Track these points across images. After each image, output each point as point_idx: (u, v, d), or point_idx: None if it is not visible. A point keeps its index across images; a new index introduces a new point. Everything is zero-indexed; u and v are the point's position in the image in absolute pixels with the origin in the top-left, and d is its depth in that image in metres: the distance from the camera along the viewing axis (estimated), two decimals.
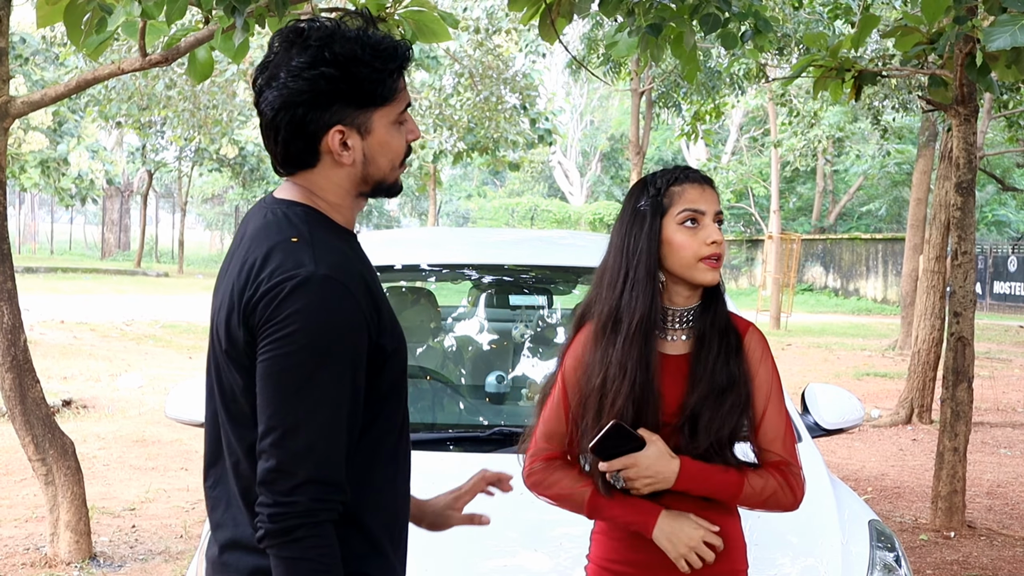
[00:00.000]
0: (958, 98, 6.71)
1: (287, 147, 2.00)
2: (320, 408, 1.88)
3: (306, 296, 1.88)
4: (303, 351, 1.87)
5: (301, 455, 1.87)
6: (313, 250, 1.93)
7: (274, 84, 1.96)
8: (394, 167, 2.07)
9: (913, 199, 16.18)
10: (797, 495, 2.41)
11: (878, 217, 37.44)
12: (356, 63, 1.95)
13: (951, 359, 6.78)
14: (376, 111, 2.00)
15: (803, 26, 14.06)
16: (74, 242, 52.72)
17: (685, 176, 2.43)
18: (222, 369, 2.00)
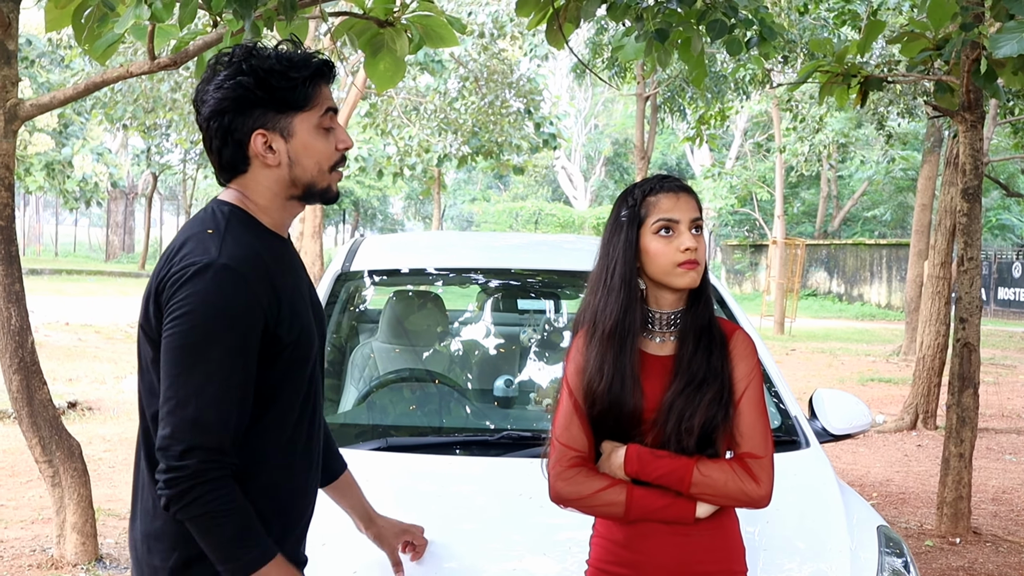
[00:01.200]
0: (964, 104, 6.72)
1: (220, 154, 2.26)
2: (209, 383, 2.08)
3: (203, 281, 2.10)
4: (196, 330, 2.08)
5: (190, 424, 2.07)
6: (222, 242, 2.16)
7: (206, 99, 2.23)
8: (322, 171, 2.28)
9: (918, 205, 16.18)
10: (760, 488, 2.41)
11: (882, 223, 37.41)
12: (270, 73, 2.19)
13: (957, 365, 6.78)
14: (296, 116, 2.23)
15: (808, 32, 14.06)
16: (78, 244, 52.76)
17: (660, 186, 2.52)
18: (140, 343, 2.24)
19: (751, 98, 19.93)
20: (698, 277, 2.48)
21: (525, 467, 3.52)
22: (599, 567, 2.56)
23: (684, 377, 2.45)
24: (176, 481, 2.06)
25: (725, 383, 2.44)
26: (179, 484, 2.06)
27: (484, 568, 3.04)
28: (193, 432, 2.06)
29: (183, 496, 2.06)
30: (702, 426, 2.41)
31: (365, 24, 4.80)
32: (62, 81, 22.62)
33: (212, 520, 2.08)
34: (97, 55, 4.77)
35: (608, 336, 2.49)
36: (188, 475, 2.06)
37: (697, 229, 2.49)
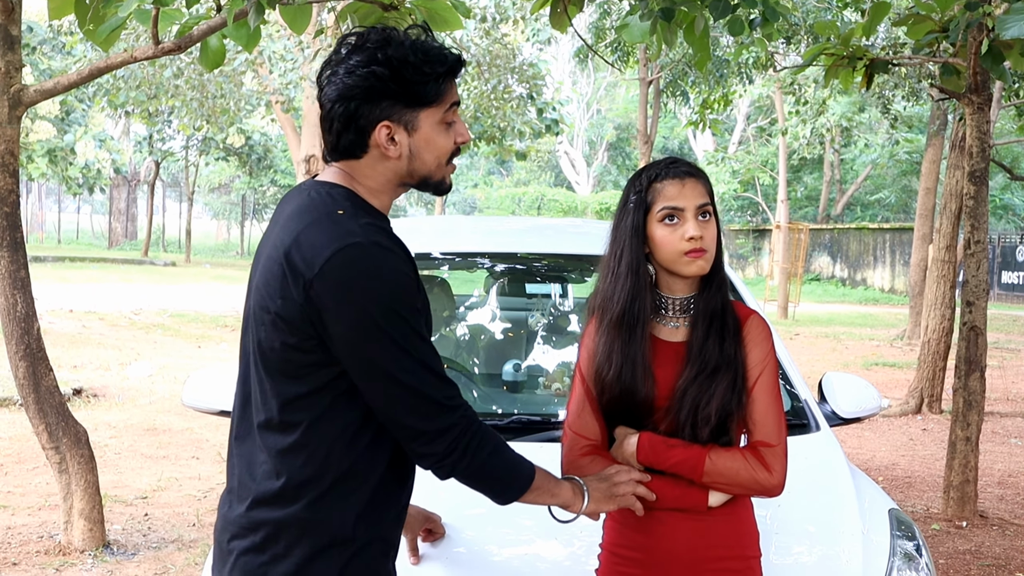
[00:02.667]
0: (971, 86, 6.69)
1: (339, 137, 2.19)
2: (416, 356, 2.09)
3: (362, 261, 2.05)
4: (376, 312, 2.05)
5: (429, 398, 2.10)
6: (357, 222, 2.11)
7: (333, 80, 2.17)
8: (440, 164, 2.25)
9: (922, 188, 16.14)
10: (773, 477, 2.40)
11: (885, 206, 37.35)
12: (405, 65, 2.14)
13: (963, 348, 6.77)
14: (423, 111, 2.18)
15: (812, 14, 14.01)
16: (81, 231, 52.75)
17: (666, 172, 2.48)
18: (265, 330, 2.14)
19: (754, 82, 19.87)
20: (706, 265, 2.45)
21: (535, 451, 3.51)
22: (612, 551, 2.55)
23: (697, 364, 2.42)
24: (453, 446, 2.13)
25: (739, 370, 2.42)
26: (457, 446, 2.13)
27: (493, 553, 3.04)
28: (439, 389, 2.12)
29: (464, 454, 2.14)
30: (716, 414, 2.39)
31: (370, 8, 4.78)
32: (64, 68, 22.57)
33: (493, 458, 2.20)
34: (100, 40, 4.74)
35: (616, 323, 2.47)
36: (459, 433, 2.13)
37: (706, 215, 2.45)
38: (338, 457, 2.13)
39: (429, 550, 2.93)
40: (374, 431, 2.16)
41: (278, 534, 2.13)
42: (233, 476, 2.24)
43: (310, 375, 2.12)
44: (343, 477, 2.13)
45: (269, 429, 2.16)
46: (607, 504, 2.39)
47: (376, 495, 2.18)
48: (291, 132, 18.18)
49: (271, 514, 2.14)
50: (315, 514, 2.12)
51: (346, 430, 2.13)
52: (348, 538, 2.14)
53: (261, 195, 45.80)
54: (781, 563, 2.87)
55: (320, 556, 2.13)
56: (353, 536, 2.15)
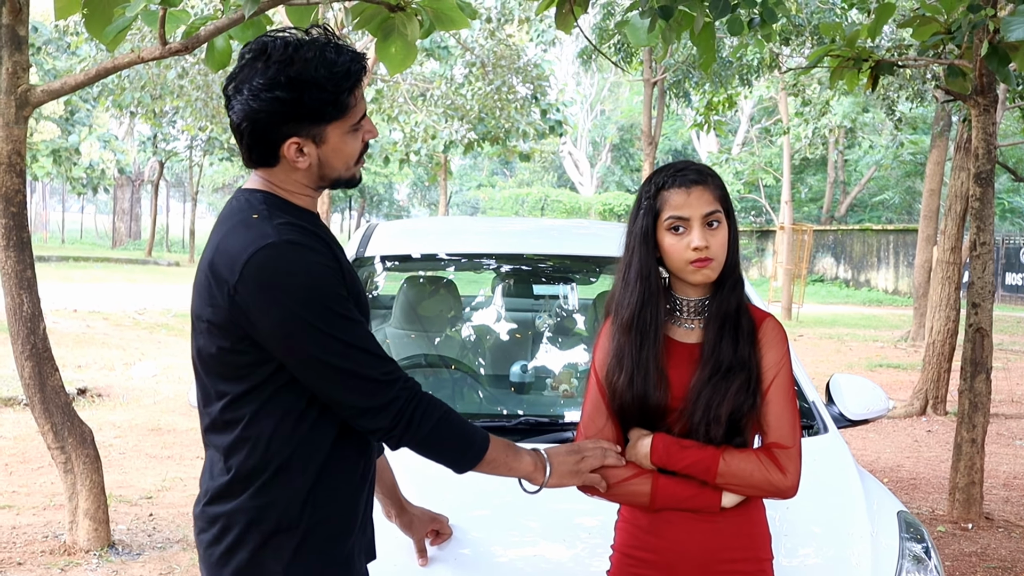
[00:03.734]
0: (977, 88, 6.68)
1: (250, 150, 2.25)
2: (350, 341, 2.14)
3: (276, 261, 2.11)
4: (297, 306, 2.10)
5: (366, 379, 2.14)
6: (271, 223, 2.16)
7: (239, 96, 2.18)
8: (348, 167, 2.30)
9: (926, 190, 16.13)
10: (787, 479, 2.40)
11: (889, 208, 37.32)
12: (310, 86, 2.15)
13: (969, 350, 6.76)
14: (330, 124, 2.21)
15: (817, 15, 14.00)
16: (85, 231, 52.81)
17: (673, 180, 2.46)
18: (202, 337, 2.22)
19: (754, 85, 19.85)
20: (712, 273, 2.44)
21: None
22: (624, 552, 2.55)
23: (710, 365, 2.42)
24: (397, 418, 2.16)
25: (753, 371, 2.42)
26: (401, 418, 2.17)
27: (499, 554, 3.04)
28: (378, 366, 2.16)
29: (410, 424, 2.18)
30: (730, 415, 2.39)
31: (376, 9, 4.78)
32: (69, 68, 22.60)
33: (441, 427, 2.22)
34: (107, 41, 4.74)
35: (626, 328, 2.49)
36: (402, 405, 2.17)
37: (714, 223, 2.44)
38: (279, 445, 2.20)
39: (436, 551, 2.93)
40: (316, 414, 2.22)
41: (230, 525, 2.22)
42: (202, 475, 2.34)
43: (249, 374, 2.19)
44: (286, 464, 2.20)
45: (214, 430, 2.25)
46: (571, 479, 2.40)
47: (323, 477, 2.23)
48: None
49: (223, 507, 2.23)
50: (261, 502, 2.20)
51: (286, 418, 2.20)
52: (294, 523, 2.21)
53: None
54: (790, 565, 2.87)
55: (269, 543, 2.20)
56: (299, 521, 2.21)
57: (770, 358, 2.44)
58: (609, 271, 4.90)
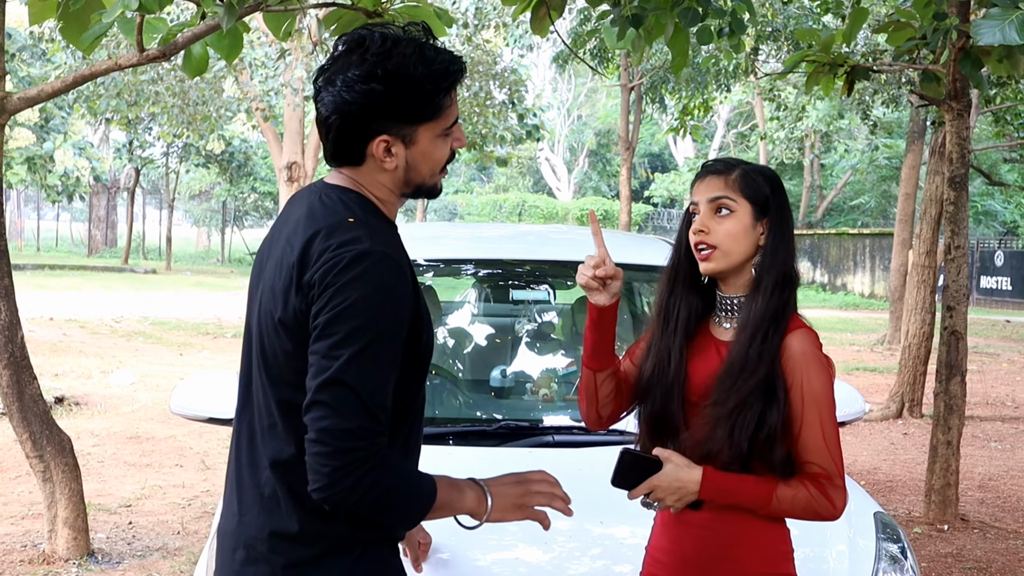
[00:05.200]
0: (951, 93, 6.74)
1: (336, 145, 2.15)
2: (372, 370, 2.00)
3: (364, 267, 2.00)
4: (360, 316, 1.99)
5: (355, 405, 1.97)
6: (368, 229, 2.06)
7: (330, 88, 2.09)
8: (434, 173, 2.21)
9: (902, 194, 16.23)
10: (836, 507, 2.34)
11: (865, 212, 37.52)
12: (407, 82, 2.07)
13: (944, 353, 6.81)
14: (422, 125, 2.12)
15: (793, 20, 14.09)
16: (60, 239, 52.52)
17: (699, 170, 2.49)
18: (267, 337, 2.11)
19: (732, 89, 19.94)
20: (715, 264, 2.40)
21: (523, 457, 3.53)
22: (651, 553, 2.55)
23: (726, 366, 2.37)
24: (347, 469, 1.97)
25: (771, 380, 2.32)
26: (351, 472, 1.97)
27: (477, 558, 3.05)
28: (360, 413, 1.98)
29: (356, 486, 1.98)
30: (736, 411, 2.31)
31: (353, 15, 4.79)
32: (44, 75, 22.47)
33: (388, 495, 2.02)
34: (84, 47, 4.73)
35: (655, 314, 2.51)
36: (360, 460, 1.98)
37: (722, 210, 2.40)
38: None
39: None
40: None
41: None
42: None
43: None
44: None
45: (271, 435, 2.13)
46: (513, 513, 2.23)
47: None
48: (272, 139, 18.15)
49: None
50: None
51: None
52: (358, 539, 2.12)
53: (241, 202, 45.66)
54: None
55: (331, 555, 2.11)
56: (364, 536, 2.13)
57: (802, 382, 2.34)
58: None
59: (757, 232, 2.41)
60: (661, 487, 2.34)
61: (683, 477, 2.33)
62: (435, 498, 2.11)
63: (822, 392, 2.35)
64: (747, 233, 2.40)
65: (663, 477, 2.34)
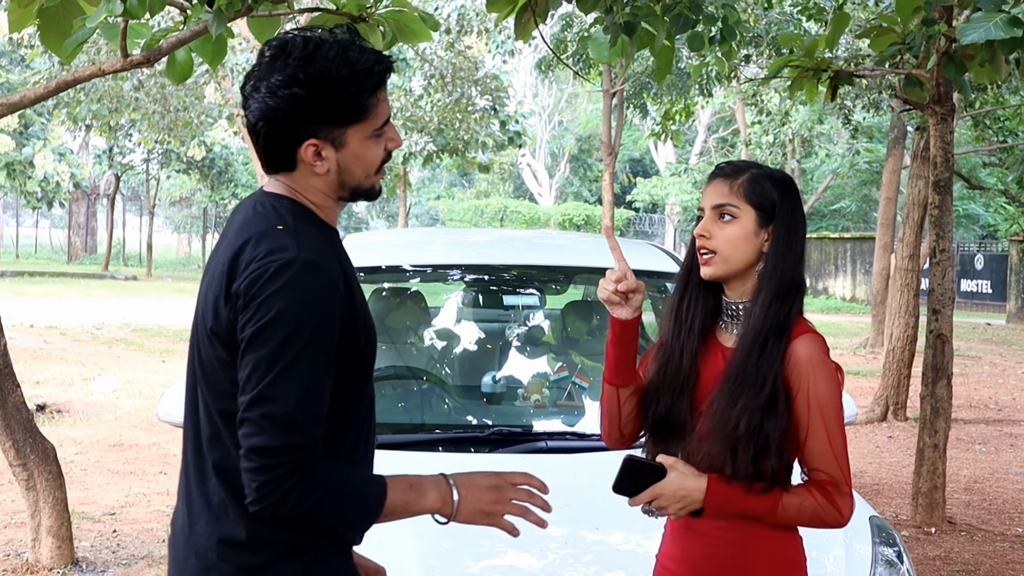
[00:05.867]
0: (935, 97, 6.76)
1: (267, 152, 2.16)
2: (300, 380, 2.00)
3: (289, 276, 2.01)
4: (285, 328, 1.99)
5: (282, 422, 1.98)
6: (297, 237, 2.07)
7: (256, 95, 2.10)
8: (369, 175, 2.19)
9: (883, 198, 16.30)
10: (843, 514, 2.31)
11: (846, 216, 37.64)
12: (330, 84, 2.07)
13: (930, 356, 6.83)
14: (350, 127, 2.12)
15: (775, 26, 14.11)
16: (40, 246, 52.17)
17: (710, 174, 2.47)
18: (203, 347, 2.13)
19: (714, 96, 19.98)
20: (714, 270, 2.39)
21: (516, 463, 3.51)
22: (660, 560, 2.53)
23: (729, 375, 2.34)
24: (273, 483, 1.99)
25: (769, 387, 2.29)
26: (278, 486, 1.99)
27: (468, 565, 3.04)
28: (285, 430, 1.98)
29: (285, 499, 1.99)
30: (741, 427, 2.27)
31: (339, 19, 4.77)
32: (23, 81, 22.35)
33: (324, 503, 2.02)
34: (65, 54, 4.69)
35: (667, 318, 2.48)
36: (285, 475, 1.98)
37: (725, 216, 2.38)
38: None
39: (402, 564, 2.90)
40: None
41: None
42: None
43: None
44: None
45: (216, 443, 2.12)
46: (481, 519, 2.18)
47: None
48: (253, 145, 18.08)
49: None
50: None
51: None
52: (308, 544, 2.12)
53: (222, 208, 45.45)
54: None
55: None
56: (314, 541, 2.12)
57: (807, 389, 2.30)
58: (578, 281, 4.92)
59: (760, 239, 2.39)
60: (665, 495, 2.31)
61: (688, 486, 2.30)
62: (384, 501, 2.09)
63: (828, 398, 2.31)
64: (748, 239, 2.38)
65: (667, 485, 2.31)
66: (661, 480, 2.30)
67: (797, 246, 2.39)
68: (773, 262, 2.37)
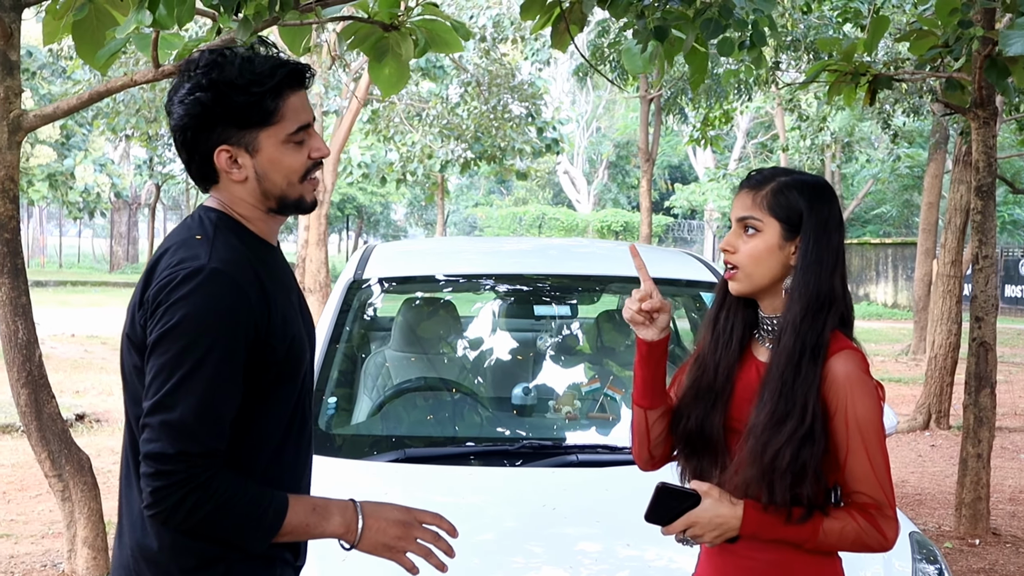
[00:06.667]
0: (976, 100, 6.64)
1: (188, 165, 2.21)
2: (197, 388, 2.01)
3: (194, 284, 2.04)
4: (185, 335, 2.02)
5: (177, 430, 1.99)
6: (211, 247, 2.10)
7: (171, 110, 2.17)
8: (291, 183, 2.19)
9: (925, 203, 16.10)
10: (888, 538, 2.19)
11: (887, 221, 37.31)
12: (231, 88, 2.10)
13: (973, 364, 6.70)
14: (261, 131, 2.14)
15: (813, 31, 13.99)
16: (83, 255, 52.75)
17: (739, 184, 2.37)
18: (124, 351, 2.18)
19: (753, 99, 19.85)
20: (739, 286, 2.29)
21: (546, 477, 3.46)
22: None
23: (767, 406, 2.21)
24: (166, 490, 1.99)
25: (808, 415, 2.17)
26: (171, 494, 1.99)
27: None
28: (181, 438, 1.99)
29: (178, 507, 2.00)
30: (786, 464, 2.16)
31: (370, 28, 4.75)
32: (64, 92, 22.60)
33: (218, 515, 2.03)
34: (99, 65, 4.71)
35: (705, 329, 2.41)
36: (178, 482, 1.99)
37: (749, 229, 2.28)
38: None
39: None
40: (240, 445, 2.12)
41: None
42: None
43: None
44: None
45: (134, 452, 2.13)
46: (383, 552, 2.16)
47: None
48: None
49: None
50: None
51: None
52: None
53: None
54: None
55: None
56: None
57: (846, 410, 2.19)
58: (611, 290, 4.86)
59: (786, 252, 2.27)
60: (700, 523, 2.20)
61: (724, 513, 2.19)
62: (282, 521, 2.08)
63: (867, 418, 2.20)
64: (772, 254, 2.27)
65: (702, 513, 2.19)
66: (695, 508, 2.20)
67: (828, 257, 2.26)
68: (802, 276, 2.25)
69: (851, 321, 2.33)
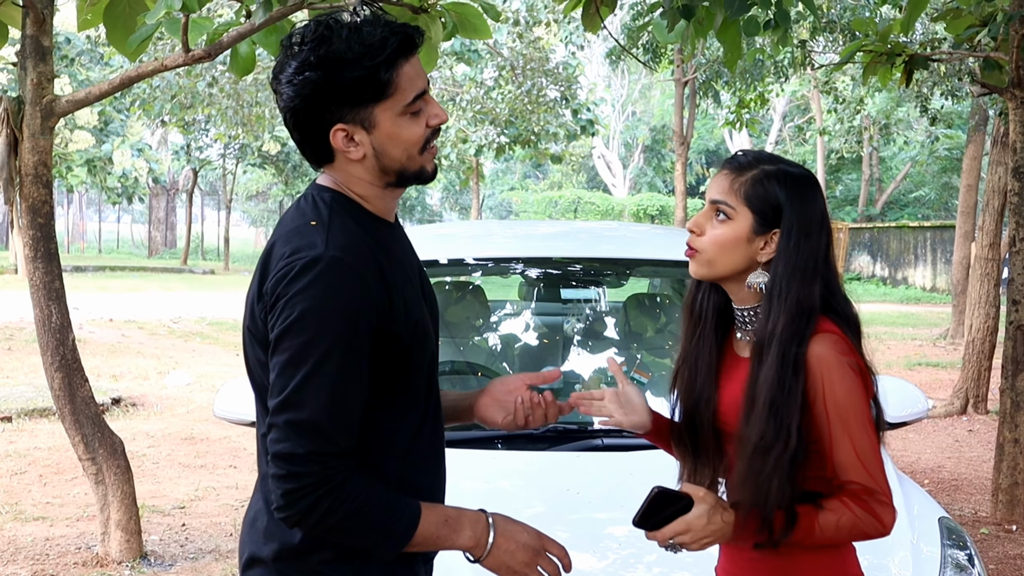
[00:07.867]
0: (1014, 80, 6.55)
1: (302, 146, 2.09)
2: (325, 384, 1.92)
3: (312, 276, 1.93)
4: (308, 329, 1.92)
5: (306, 429, 1.92)
6: (327, 233, 1.99)
7: (279, 90, 2.04)
8: (412, 156, 2.07)
9: (963, 185, 15.93)
10: (885, 523, 2.10)
11: (925, 204, 36.99)
12: (341, 64, 1.96)
13: (1010, 348, 6.63)
14: (376, 106, 2.01)
15: (849, 11, 13.86)
16: (121, 241, 53.23)
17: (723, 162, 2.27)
18: (247, 346, 2.09)
19: (789, 80, 19.70)
20: (698, 268, 2.18)
21: (572, 461, 3.45)
22: (718, 571, 2.39)
23: (749, 414, 2.11)
24: (299, 492, 1.92)
25: (792, 436, 2.07)
26: (304, 496, 1.92)
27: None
28: (312, 438, 1.91)
29: (311, 511, 1.92)
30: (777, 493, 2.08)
31: (400, 11, 4.73)
32: (102, 78, 22.76)
33: (350, 522, 1.95)
34: (129, 52, 4.72)
35: (685, 315, 2.32)
36: (311, 484, 1.91)
37: (720, 215, 2.15)
38: None
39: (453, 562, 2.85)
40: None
41: None
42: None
43: None
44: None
45: (265, 444, 2.05)
46: (504, 572, 2.07)
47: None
48: None
49: None
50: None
51: None
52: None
53: None
54: None
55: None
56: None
57: (823, 396, 2.08)
58: (639, 273, 4.83)
59: (755, 246, 2.14)
60: (692, 530, 2.08)
61: (715, 520, 2.08)
62: (414, 532, 2.00)
63: (846, 401, 2.07)
64: (738, 245, 2.14)
65: (694, 520, 2.08)
66: (687, 513, 2.09)
67: (810, 262, 2.12)
68: (784, 283, 2.11)
69: (851, 318, 2.18)
